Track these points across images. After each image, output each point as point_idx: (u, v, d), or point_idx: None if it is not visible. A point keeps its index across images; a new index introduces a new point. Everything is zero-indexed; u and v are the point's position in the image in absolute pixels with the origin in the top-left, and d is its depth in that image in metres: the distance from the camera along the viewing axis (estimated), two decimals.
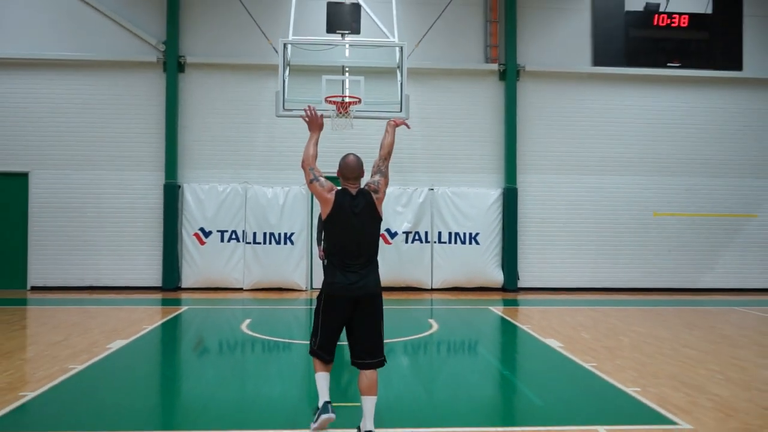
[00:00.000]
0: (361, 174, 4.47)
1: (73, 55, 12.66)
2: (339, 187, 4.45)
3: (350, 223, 4.30)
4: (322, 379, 4.29)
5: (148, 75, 12.84)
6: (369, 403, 4.22)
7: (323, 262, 4.81)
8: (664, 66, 13.56)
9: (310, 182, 4.42)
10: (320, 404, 4.23)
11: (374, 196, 4.39)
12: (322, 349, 4.29)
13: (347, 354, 4.50)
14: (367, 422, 4.19)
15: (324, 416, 4.14)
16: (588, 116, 13.48)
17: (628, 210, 13.47)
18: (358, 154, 4.64)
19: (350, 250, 4.28)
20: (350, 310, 4.25)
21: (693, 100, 13.67)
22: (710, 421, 4.80)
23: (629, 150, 13.52)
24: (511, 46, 13.13)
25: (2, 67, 12.59)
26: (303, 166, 4.52)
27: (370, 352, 4.27)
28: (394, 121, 4.84)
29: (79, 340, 7.55)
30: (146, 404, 5.26)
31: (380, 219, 4.44)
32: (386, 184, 4.51)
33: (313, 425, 4.22)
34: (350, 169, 4.44)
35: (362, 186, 4.47)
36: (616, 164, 13.48)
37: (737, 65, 13.63)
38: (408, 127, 5.02)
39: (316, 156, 4.54)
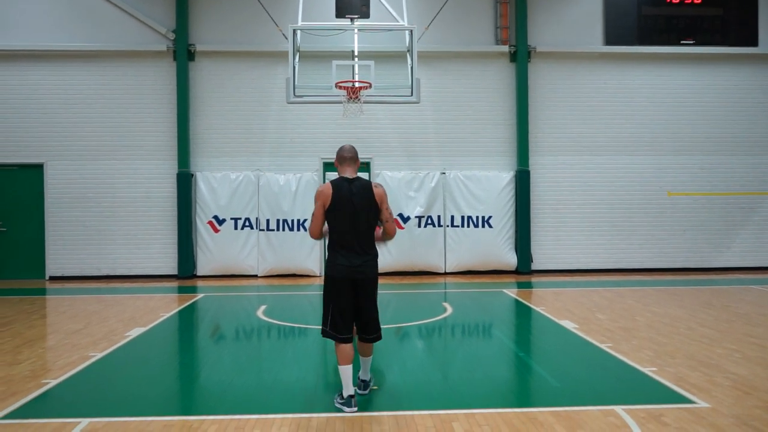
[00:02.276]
0: (356, 158, 4.78)
1: (83, 46, 12.68)
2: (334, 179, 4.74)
3: (349, 206, 4.58)
4: (347, 372, 4.59)
5: (159, 64, 12.85)
6: (365, 363, 4.98)
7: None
8: (677, 44, 13.35)
9: (317, 227, 4.68)
10: (344, 395, 4.61)
11: (374, 190, 4.63)
12: (335, 329, 4.62)
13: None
14: (362, 373, 4.99)
15: (347, 409, 4.54)
16: (600, 96, 13.32)
17: (642, 190, 13.34)
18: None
19: (347, 233, 4.60)
20: (353, 290, 4.63)
21: (707, 78, 13.46)
22: (728, 399, 4.78)
23: (643, 129, 13.36)
24: (521, 27, 12.99)
25: (13, 59, 12.66)
26: (312, 233, 4.76)
27: (367, 330, 4.78)
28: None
29: (98, 329, 7.65)
30: (166, 390, 5.32)
31: (376, 206, 4.63)
32: (387, 213, 4.74)
33: (337, 403, 4.69)
34: (345, 149, 4.78)
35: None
36: (629, 144, 13.34)
37: (752, 41, 13.39)
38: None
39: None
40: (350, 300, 4.63)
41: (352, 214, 4.57)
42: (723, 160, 13.46)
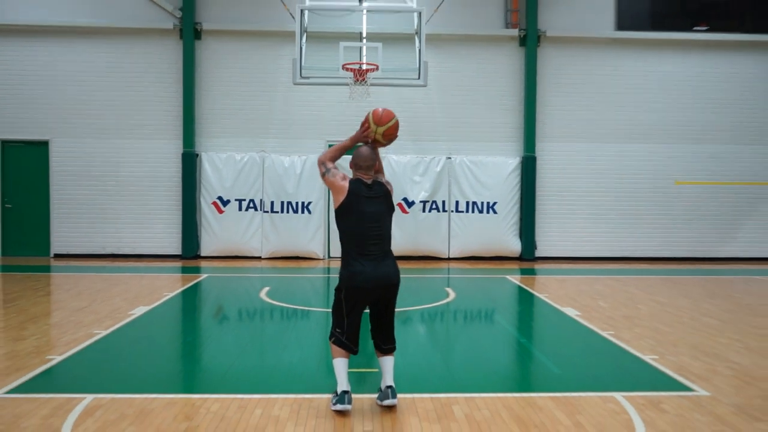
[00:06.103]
0: (374, 165, 4.40)
1: (89, 22, 12.65)
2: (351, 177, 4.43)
3: (367, 210, 4.27)
4: (342, 366, 4.31)
5: (165, 42, 12.83)
6: (387, 363, 4.42)
7: None
8: (690, 30, 13.24)
9: (323, 175, 4.38)
10: (339, 391, 4.26)
11: (388, 187, 4.46)
12: (351, 341, 4.32)
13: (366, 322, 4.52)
14: (387, 378, 4.39)
15: (340, 406, 4.21)
16: (610, 83, 13.23)
17: (649, 179, 13.30)
18: None
19: (369, 238, 4.25)
20: (372, 299, 4.31)
21: (719, 66, 13.32)
22: (728, 388, 4.83)
23: (652, 117, 13.29)
24: (531, 10, 12.88)
25: (19, 34, 12.64)
26: (318, 162, 4.45)
27: (385, 341, 4.45)
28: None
29: (103, 307, 7.73)
30: (168, 369, 5.40)
31: (393, 209, 4.46)
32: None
33: (333, 408, 4.27)
34: (363, 157, 4.35)
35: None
36: (638, 132, 13.27)
37: None
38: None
39: (334, 159, 4.44)
40: (363, 310, 4.36)
41: (374, 217, 4.27)
42: (733, 149, 13.38)
